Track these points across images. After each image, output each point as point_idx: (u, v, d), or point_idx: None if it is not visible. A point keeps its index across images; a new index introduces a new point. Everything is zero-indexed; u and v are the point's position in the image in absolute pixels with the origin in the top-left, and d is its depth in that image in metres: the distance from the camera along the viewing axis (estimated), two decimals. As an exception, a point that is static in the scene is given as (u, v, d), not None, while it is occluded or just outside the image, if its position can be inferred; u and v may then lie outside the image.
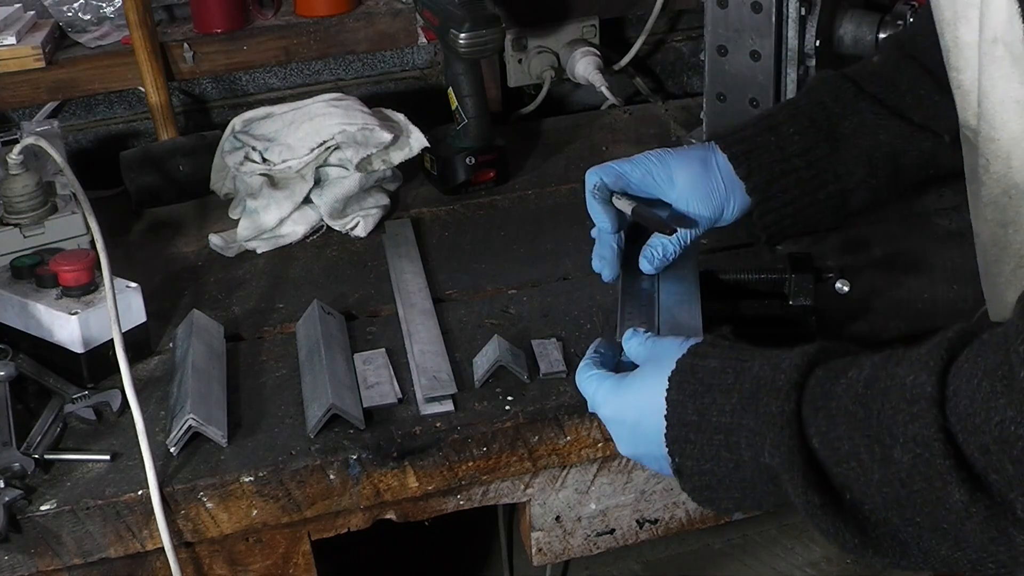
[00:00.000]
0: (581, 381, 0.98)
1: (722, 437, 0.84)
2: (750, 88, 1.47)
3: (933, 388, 0.71)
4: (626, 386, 0.93)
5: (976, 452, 0.69)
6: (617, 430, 0.95)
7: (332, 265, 1.38)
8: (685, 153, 1.15)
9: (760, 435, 0.81)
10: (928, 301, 1.23)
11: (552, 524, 1.16)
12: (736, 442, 0.83)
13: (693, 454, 0.86)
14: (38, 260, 1.18)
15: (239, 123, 1.49)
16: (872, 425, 0.74)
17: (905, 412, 0.72)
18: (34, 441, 1.07)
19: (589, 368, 0.98)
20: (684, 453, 0.87)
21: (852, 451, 0.75)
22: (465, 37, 1.45)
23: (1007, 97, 0.83)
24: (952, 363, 0.72)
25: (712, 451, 0.85)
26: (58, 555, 1.01)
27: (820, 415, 0.78)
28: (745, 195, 1.14)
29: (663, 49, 1.92)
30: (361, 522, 1.10)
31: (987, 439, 0.68)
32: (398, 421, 1.08)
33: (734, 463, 0.84)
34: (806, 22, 1.40)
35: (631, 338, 0.98)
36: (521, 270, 1.34)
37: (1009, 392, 0.67)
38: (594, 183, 1.11)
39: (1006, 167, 0.87)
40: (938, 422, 0.70)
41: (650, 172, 1.12)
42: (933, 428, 0.70)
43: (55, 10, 1.66)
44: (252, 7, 1.70)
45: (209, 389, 1.10)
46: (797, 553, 2.09)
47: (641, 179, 1.12)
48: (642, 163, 1.13)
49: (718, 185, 1.13)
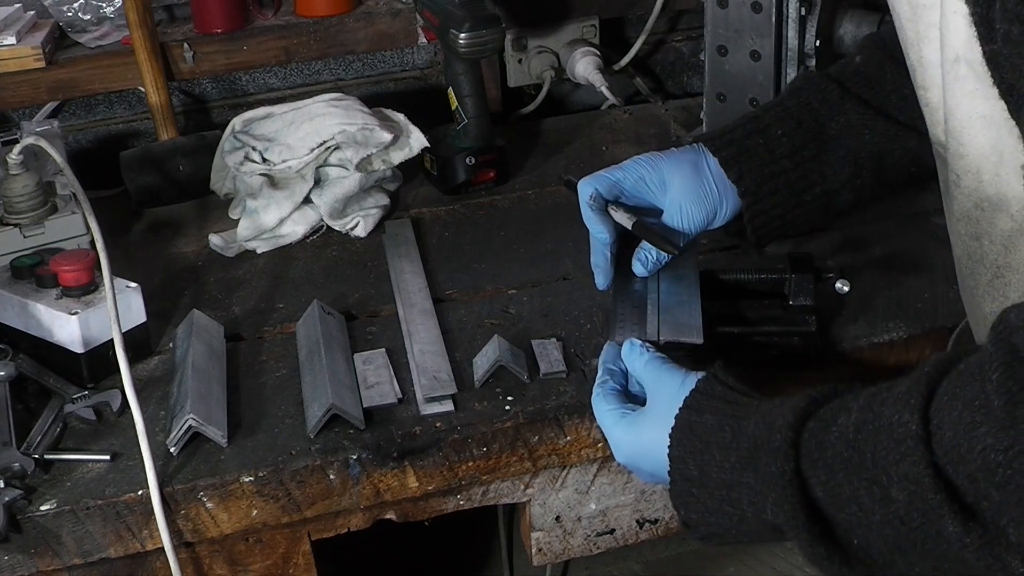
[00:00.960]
0: (599, 416, 1.00)
1: (724, 492, 0.87)
2: (750, 88, 1.47)
3: (917, 426, 0.73)
4: (637, 431, 0.95)
5: (965, 482, 0.70)
6: (635, 472, 0.98)
7: (332, 265, 1.38)
8: (676, 157, 1.15)
9: (762, 494, 0.83)
10: (928, 301, 1.23)
11: (552, 524, 1.16)
12: (738, 498, 0.86)
13: (697, 508, 0.89)
14: (38, 260, 1.18)
15: (239, 123, 1.49)
16: (867, 467, 0.76)
17: (895, 452, 0.74)
18: (34, 441, 1.07)
19: (604, 401, 0.99)
20: (689, 507, 0.90)
21: (853, 495, 0.77)
22: (465, 37, 1.45)
23: (973, 113, 0.84)
24: (932, 398, 0.73)
25: (715, 505, 0.88)
26: (58, 555, 1.01)
27: (818, 466, 0.79)
28: (737, 197, 1.15)
29: (663, 49, 1.92)
30: (361, 522, 1.10)
31: (973, 468, 0.69)
32: (398, 421, 1.08)
33: (738, 517, 0.87)
34: (806, 22, 1.40)
35: (631, 354, 1.00)
36: (521, 270, 1.34)
37: (988, 421, 0.69)
38: (589, 194, 1.11)
39: (976, 181, 0.88)
40: (926, 458, 0.72)
41: (643, 178, 1.13)
42: (922, 465, 0.72)
43: (55, 10, 1.66)
44: (252, 7, 1.70)
45: (209, 389, 1.10)
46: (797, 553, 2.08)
47: (634, 186, 1.13)
48: (634, 170, 1.13)
49: (711, 189, 1.13)
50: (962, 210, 0.92)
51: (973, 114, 0.84)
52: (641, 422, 0.95)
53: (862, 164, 1.17)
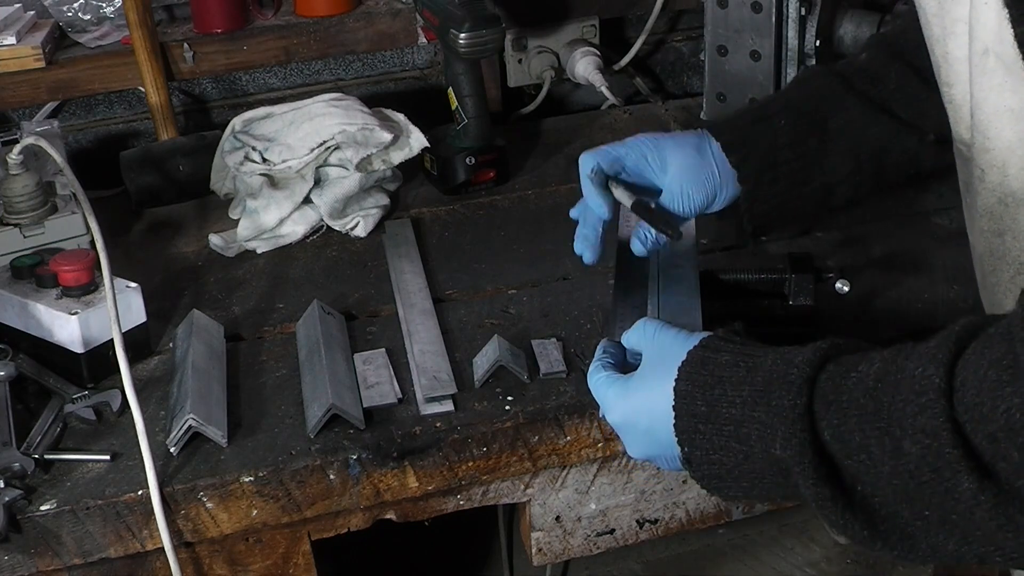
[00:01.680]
0: (592, 385, 0.98)
1: (732, 428, 0.85)
2: (750, 88, 1.47)
3: (941, 380, 0.72)
4: (633, 388, 0.93)
5: (984, 441, 0.69)
6: (628, 435, 0.95)
7: (332, 265, 1.38)
8: (679, 138, 1.15)
9: (771, 428, 0.81)
10: (928, 301, 1.23)
11: (552, 524, 1.16)
12: (746, 434, 0.84)
13: (702, 444, 0.87)
14: (38, 260, 1.18)
15: (239, 123, 1.49)
16: (882, 418, 0.75)
17: (914, 404, 0.73)
18: (34, 441, 1.07)
19: (598, 371, 0.98)
20: (693, 443, 0.88)
21: (863, 444, 0.76)
22: (465, 37, 1.45)
23: (1001, 107, 0.84)
24: (960, 356, 0.73)
25: (721, 442, 0.86)
26: (58, 555, 1.01)
27: (832, 409, 0.78)
28: (736, 184, 1.14)
29: (663, 49, 1.92)
30: (361, 522, 1.10)
31: (994, 427, 0.68)
32: (398, 421, 1.08)
33: (744, 454, 0.85)
34: (806, 22, 1.41)
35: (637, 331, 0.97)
36: (521, 270, 1.34)
37: (1015, 381, 0.68)
38: (591, 167, 1.11)
39: (1002, 175, 0.88)
40: (946, 412, 0.71)
41: (644, 156, 1.12)
42: (941, 419, 0.71)
43: (55, 10, 1.66)
44: (252, 7, 1.70)
45: (209, 389, 1.10)
46: (797, 553, 2.09)
47: (636, 163, 1.12)
48: (637, 147, 1.12)
49: (712, 172, 1.13)
50: (985, 206, 0.91)
51: (1001, 108, 0.84)
52: (639, 376, 0.93)
53: (862, 160, 1.17)
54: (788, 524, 2.10)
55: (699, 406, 0.87)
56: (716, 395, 0.86)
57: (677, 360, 0.89)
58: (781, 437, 0.80)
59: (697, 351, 0.89)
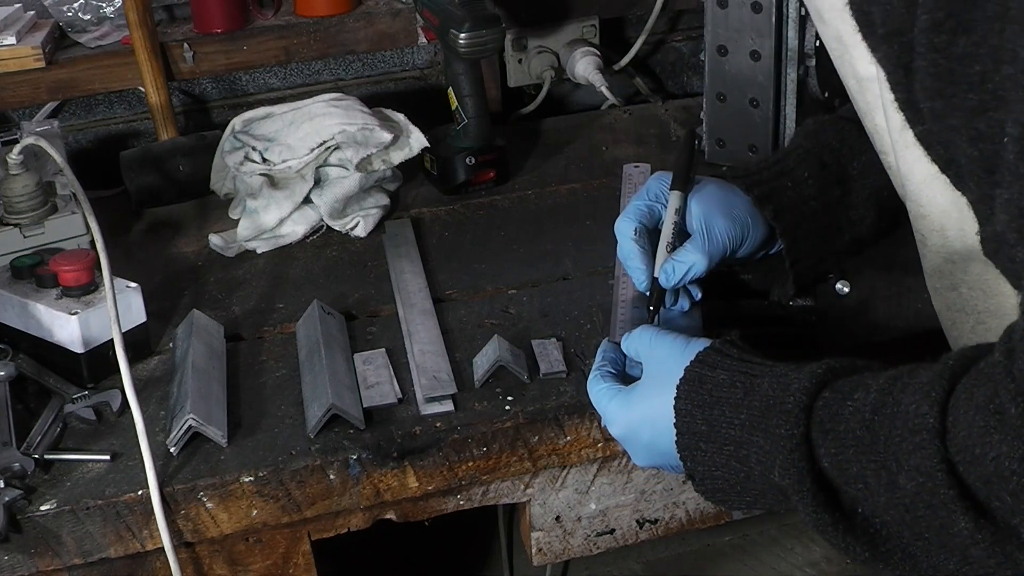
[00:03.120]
0: (593, 397, 0.99)
1: (732, 449, 0.86)
2: (750, 88, 1.47)
3: (935, 420, 0.72)
4: (635, 402, 0.94)
5: (977, 482, 0.70)
6: (632, 447, 0.96)
7: (332, 265, 1.38)
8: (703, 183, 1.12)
9: (770, 455, 0.82)
10: (928, 301, 1.23)
11: (552, 524, 1.16)
12: (746, 455, 0.85)
13: (704, 461, 0.88)
14: (38, 260, 1.18)
15: (239, 123, 1.49)
16: (878, 451, 0.75)
17: (909, 441, 0.73)
18: (34, 441, 1.07)
19: (598, 381, 0.98)
20: (696, 459, 0.89)
21: (860, 474, 0.77)
22: (465, 37, 1.45)
23: (927, 175, 0.85)
24: (953, 392, 0.73)
25: (722, 460, 0.87)
26: (58, 555, 1.01)
27: (829, 438, 0.79)
28: (759, 229, 1.11)
29: (663, 49, 1.92)
30: (361, 522, 1.10)
31: (986, 472, 0.69)
32: (398, 421, 1.08)
33: (744, 474, 0.86)
34: (806, 22, 1.41)
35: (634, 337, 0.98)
36: (521, 270, 1.34)
37: (1001, 428, 0.68)
38: (634, 228, 1.08)
39: (942, 238, 0.88)
40: (940, 453, 0.71)
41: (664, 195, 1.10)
42: (936, 460, 0.71)
43: (55, 10, 1.66)
44: (252, 7, 1.70)
45: (209, 389, 1.10)
46: (797, 553, 2.08)
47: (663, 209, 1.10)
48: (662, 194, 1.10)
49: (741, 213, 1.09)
50: (933, 266, 0.92)
51: (927, 176, 0.85)
52: (640, 389, 0.94)
53: (884, 205, 1.14)
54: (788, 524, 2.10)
55: (699, 425, 0.88)
56: (715, 415, 0.87)
57: (675, 376, 0.90)
58: (779, 465, 0.81)
59: (695, 368, 0.89)
